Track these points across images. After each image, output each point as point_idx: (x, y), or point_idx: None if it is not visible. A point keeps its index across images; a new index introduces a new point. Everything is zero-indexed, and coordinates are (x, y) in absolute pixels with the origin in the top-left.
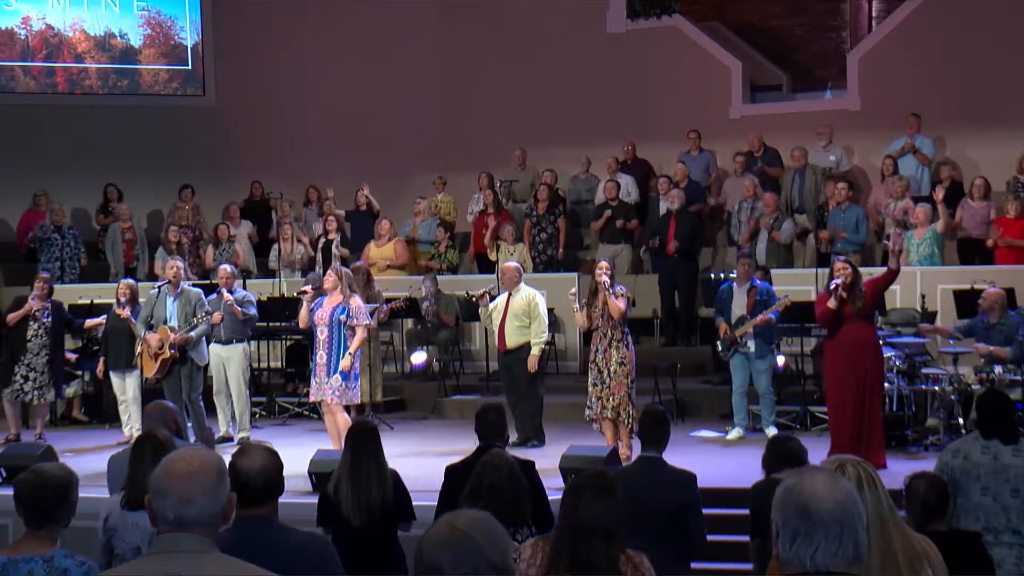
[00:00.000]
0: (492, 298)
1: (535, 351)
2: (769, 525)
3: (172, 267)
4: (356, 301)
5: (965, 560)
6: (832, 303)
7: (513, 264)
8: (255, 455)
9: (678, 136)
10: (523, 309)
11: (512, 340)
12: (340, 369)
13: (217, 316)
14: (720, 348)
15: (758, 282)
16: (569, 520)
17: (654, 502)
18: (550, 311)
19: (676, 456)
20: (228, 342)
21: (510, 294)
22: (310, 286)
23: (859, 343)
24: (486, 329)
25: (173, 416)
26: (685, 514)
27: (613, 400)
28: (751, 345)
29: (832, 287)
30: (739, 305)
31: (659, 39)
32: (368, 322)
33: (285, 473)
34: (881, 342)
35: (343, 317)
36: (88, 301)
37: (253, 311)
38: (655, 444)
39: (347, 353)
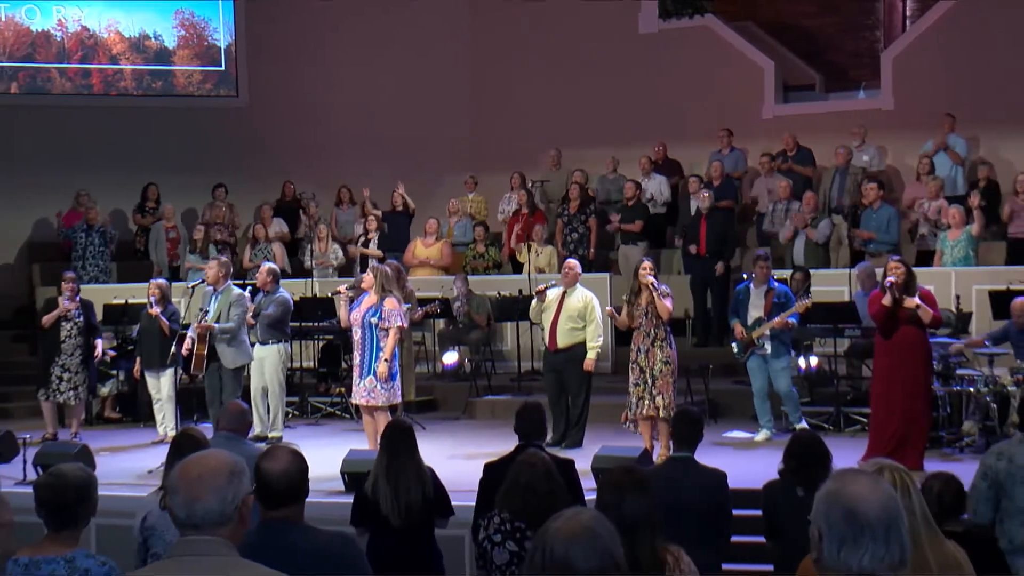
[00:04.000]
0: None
1: (591, 355)
2: (782, 525)
3: (210, 267)
4: (391, 302)
5: (977, 560)
6: (887, 300)
7: (576, 262)
8: (279, 458)
9: (710, 136)
10: (578, 310)
11: (564, 340)
12: (377, 375)
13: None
14: (736, 350)
15: (776, 284)
16: (613, 518)
17: (686, 502)
18: None
19: (705, 457)
20: (264, 343)
21: (565, 292)
22: (345, 287)
23: (911, 344)
24: (518, 329)
25: (247, 418)
26: (716, 513)
27: (662, 399)
28: (767, 347)
29: (888, 284)
30: (756, 307)
31: (691, 39)
32: (400, 323)
33: (318, 473)
34: None
35: (375, 319)
36: (123, 301)
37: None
38: (688, 444)
39: (382, 359)
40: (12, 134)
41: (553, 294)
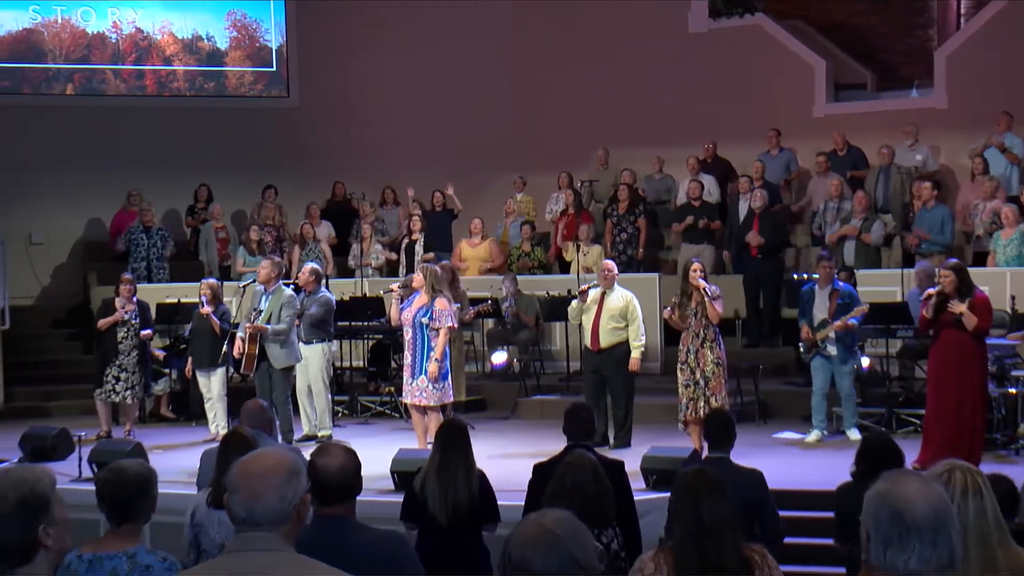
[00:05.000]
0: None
1: (636, 354)
2: (855, 528)
3: (262, 267)
4: (441, 302)
5: None
6: (927, 312)
7: (612, 263)
8: (335, 454)
9: (761, 136)
10: (620, 310)
11: (606, 340)
12: (428, 374)
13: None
14: (801, 350)
15: (840, 284)
16: (690, 522)
17: None
18: None
19: (756, 457)
20: (308, 342)
21: (604, 292)
22: (396, 285)
23: (956, 347)
24: (567, 329)
25: (267, 414)
26: (757, 512)
27: (716, 400)
28: (832, 349)
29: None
30: (821, 308)
31: (742, 38)
32: (450, 323)
33: (367, 472)
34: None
35: (425, 319)
36: (175, 300)
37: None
38: (721, 445)
39: (433, 359)
40: (67, 135)
41: (593, 294)
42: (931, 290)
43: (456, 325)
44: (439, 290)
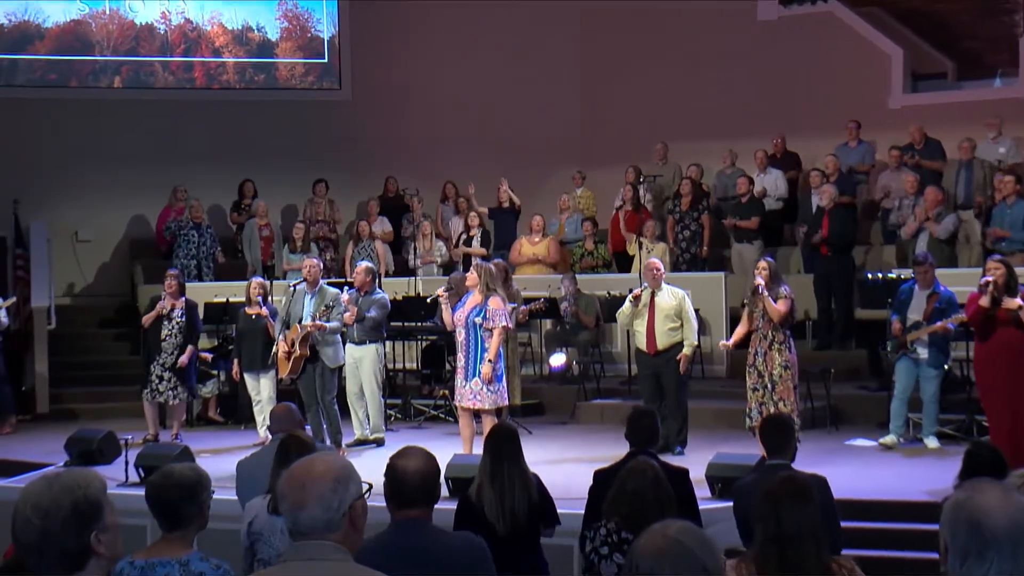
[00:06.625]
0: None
1: (687, 351)
2: None
3: (308, 265)
4: (495, 302)
5: None
6: (984, 301)
7: (658, 261)
8: (414, 455)
9: (833, 128)
10: (673, 308)
11: (663, 341)
12: (481, 376)
13: (348, 317)
14: (889, 348)
15: (941, 288)
16: (770, 530)
17: None
18: (695, 312)
19: (827, 465)
20: (361, 343)
21: (653, 293)
22: (443, 288)
23: (1010, 345)
24: (628, 330)
25: (296, 416)
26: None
27: (784, 406)
28: (922, 352)
29: (983, 284)
30: (917, 309)
31: (814, 26)
32: (505, 324)
33: None
34: None
35: (479, 319)
36: (223, 299)
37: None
38: (780, 452)
39: (486, 360)
40: (114, 129)
41: (643, 297)
42: (987, 278)
43: (511, 325)
44: (493, 289)
